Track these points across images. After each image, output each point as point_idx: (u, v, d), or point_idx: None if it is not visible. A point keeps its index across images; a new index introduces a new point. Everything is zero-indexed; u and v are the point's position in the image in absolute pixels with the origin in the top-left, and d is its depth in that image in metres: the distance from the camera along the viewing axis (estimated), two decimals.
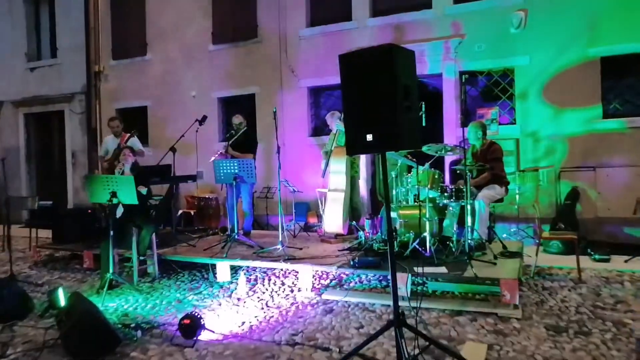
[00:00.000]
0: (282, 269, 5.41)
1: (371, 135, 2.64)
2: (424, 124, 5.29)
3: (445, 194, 5.03)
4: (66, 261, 6.51)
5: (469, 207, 4.77)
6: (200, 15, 9.45)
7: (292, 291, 4.82)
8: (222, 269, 5.20)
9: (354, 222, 6.03)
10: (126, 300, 4.62)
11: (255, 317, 4.09)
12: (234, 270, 5.40)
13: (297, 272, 4.93)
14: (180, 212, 9.36)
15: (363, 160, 7.47)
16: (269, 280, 5.28)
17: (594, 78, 6.72)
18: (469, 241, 4.68)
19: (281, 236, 5.38)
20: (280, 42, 8.74)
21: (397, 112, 2.59)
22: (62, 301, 4.05)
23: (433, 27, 7.60)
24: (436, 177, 4.97)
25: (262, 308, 4.33)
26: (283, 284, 5.13)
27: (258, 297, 4.66)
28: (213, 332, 3.65)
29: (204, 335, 3.58)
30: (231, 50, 9.22)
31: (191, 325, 3.53)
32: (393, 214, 5.16)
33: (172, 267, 5.62)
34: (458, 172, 5.42)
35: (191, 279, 5.42)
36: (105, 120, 10.20)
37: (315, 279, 5.16)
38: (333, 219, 5.92)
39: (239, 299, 4.61)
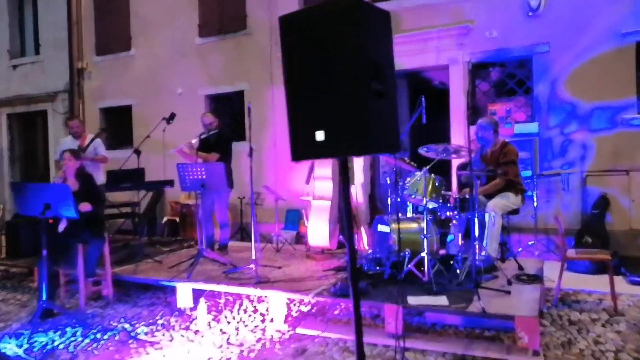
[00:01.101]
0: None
1: (323, 132, 1.81)
2: (424, 122, 4.48)
3: (449, 205, 4.21)
4: (21, 278, 5.79)
5: (476, 219, 3.94)
6: (187, 6, 8.74)
7: (263, 321, 4.03)
8: (183, 292, 4.42)
9: (342, 235, 5.22)
10: (63, 332, 3.87)
11: (209, 359, 3.31)
12: (204, 292, 4.62)
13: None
14: (165, 219, 8.66)
15: (360, 163, 6.64)
16: (240, 305, 4.48)
17: (628, 67, 5.87)
18: (477, 262, 3.84)
19: (254, 253, 4.57)
20: (271, 33, 7.97)
21: (360, 99, 1.76)
22: None
23: (438, 13, 6.81)
24: (436, 184, 4.12)
25: (221, 346, 3.56)
26: (256, 310, 4.34)
27: (221, 329, 3.88)
28: None
29: None
30: (219, 44, 8.50)
31: None
32: (386, 228, 4.33)
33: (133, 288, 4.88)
34: (463, 178, 4.59)
35: (151, 302, 4.66)
36: (89, 120, 9.58)
37: (295, 304, 4.37)
38: (318, 232, 5.11)
39: (196, 332, 3.83)
